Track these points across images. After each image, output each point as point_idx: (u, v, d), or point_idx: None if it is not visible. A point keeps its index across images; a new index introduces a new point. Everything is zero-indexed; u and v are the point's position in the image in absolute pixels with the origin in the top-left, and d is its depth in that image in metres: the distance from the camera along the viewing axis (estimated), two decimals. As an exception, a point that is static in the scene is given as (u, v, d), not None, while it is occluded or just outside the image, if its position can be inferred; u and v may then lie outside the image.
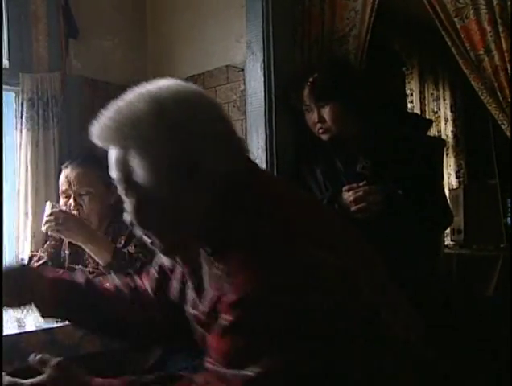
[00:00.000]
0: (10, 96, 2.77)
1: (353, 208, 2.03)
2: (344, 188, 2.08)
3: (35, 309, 1.45)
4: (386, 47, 2.49)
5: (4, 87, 2.72)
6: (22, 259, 2.65)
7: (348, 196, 2.06)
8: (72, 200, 2.44)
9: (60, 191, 2.49)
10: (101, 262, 2.27)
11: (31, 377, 1.25)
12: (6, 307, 1.45)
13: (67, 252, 2.49)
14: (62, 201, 2.50)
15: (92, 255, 2.30)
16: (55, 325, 1.83)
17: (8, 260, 2.76)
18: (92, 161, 2.54)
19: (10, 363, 1.66)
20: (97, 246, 2.30)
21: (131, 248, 2.28)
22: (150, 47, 3.20)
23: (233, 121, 2.68)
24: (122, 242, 2.37)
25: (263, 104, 2.52)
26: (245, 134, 2.61)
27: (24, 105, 2.68)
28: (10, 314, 1.94)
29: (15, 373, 1.28)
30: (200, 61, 2.88)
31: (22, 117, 2.68)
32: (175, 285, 1.43)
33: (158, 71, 3.11)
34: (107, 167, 2.57)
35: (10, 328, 1.80)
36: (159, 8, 3.14)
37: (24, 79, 2.68)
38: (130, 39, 3.17)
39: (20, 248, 2.68)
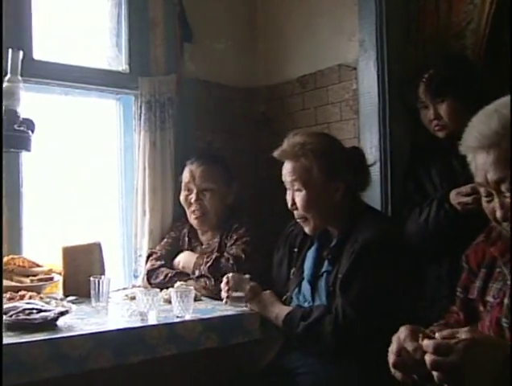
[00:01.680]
0: (129, 100, 2.90)
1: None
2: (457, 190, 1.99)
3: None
4: (505, 42, 2.37)
5: (124, 90, 2.87)
6: (140, 255, 2.77)
7: (460, 197, 1.97)
8: (193, 194, 2.57)
9: (183, 185, 2.63)
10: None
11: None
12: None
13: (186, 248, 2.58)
14: (183, 195, 2.62)
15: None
16: (175, 320, 1.90)
17: (127, 256, 2.91)
18: (215, 159, 2.65)
19: (135, 355, 1.74)
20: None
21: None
22: (261, 47, 3.24)
23: (345, 120, 2.67)
24: (232, 242, 2.45)
25: (377, 102, 2.48)
26: (357, 133, 2.59)
27: (143, 108, 2.78)
28: (132, 308, 2.04)
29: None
30: (312, 60, 2.87)
31: (140, 119, 2.78)
32: None
33: (270, 72, 3.15)
34: (228, 167, 2.67)
35: (133, 321, 1.88)
36: (270, 9, 3.17)
37: (143, 82, 2.79)
38: (241, 41, 3.22)
39: (138, 245, 2.79)
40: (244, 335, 2.00)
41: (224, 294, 2.11)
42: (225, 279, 2.14)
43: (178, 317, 1.92)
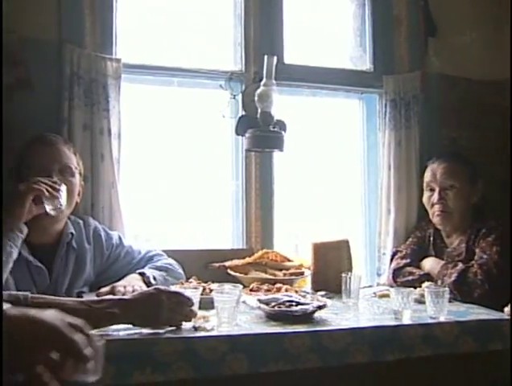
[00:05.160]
0: (372, 98, 2.92)
1: None
2: None
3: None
4: None
5: (368, 89, 2.89)
6: (384, 253, 2.77)
7: None
8: (436, 194, 2.51)
9: (425, 185, 2.59)
10: None
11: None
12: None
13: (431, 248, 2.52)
14: (425, 195, 2.57)
15: None
16: (429, 320, 1.85)
17: (369, 255, 2.92)
18: (458, 157, 2.56)
19: (391, 353, 1.72)
20: None
21: None
22: (507, 39, 3.03)
23: None
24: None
25: None
26: None
27: (387, 106, 2.77)
28: (383, 306, 2.03)
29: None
30: None
31: (385, 118, 2.78)
32: None
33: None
34: (472, 164, 2.55)
35: (387, 320, 1.87)
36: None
37: (387, 81, 2.78)
38: (486, 34, 3.05)
39: (382, 243, 2.79)
40: (504, 342, 1.88)
41: None
42: None
43: (432, 317, 1.87)
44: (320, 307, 1.81)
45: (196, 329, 1.62)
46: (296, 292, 2.09)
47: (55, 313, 0.96)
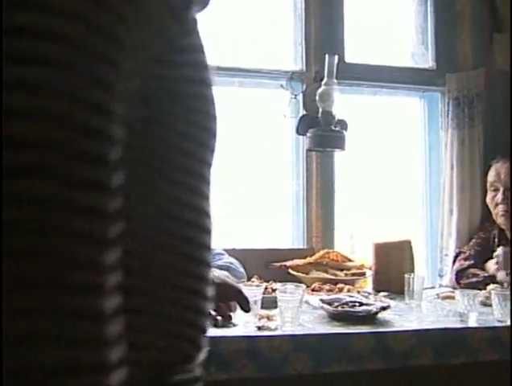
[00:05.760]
0: (434, 97, 2.87)
1: None
2: None
3: None
4: None
5: (430, 88, 2.84)
6: (446, 255, 2.72)
7: None
8: (500, 194, 2.48)
9: (488, 185, 2.55)
10: None
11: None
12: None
13: (499, 250, 2.46)
14: (489, 196, 2.52)
15: None
16: (496, 324, 1.82)
17: (430, 256, 2.88)
18: None
19: (457, 356, 1.70)
20: None
21: None
22: None
23: None
24: None
25: None
26: None
27: (450, 105, 2.72)
28: (447, 308, 2.01)
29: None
30: None
31: (448, 116, 2.73)
32: None
33: None
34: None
35: (452, 322, 1.85)
36: None
37: (450, 79, 2.74)
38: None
39: (444, 244, 2.74)
40: None
41: None
42: None
43: (499, 321, 1.83)
44: (383, 308, 1.80)
45: (259, 328, 1.64)
46: (358, 292, 2.08)
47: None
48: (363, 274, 2.38)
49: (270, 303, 1.77)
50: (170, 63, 0.58)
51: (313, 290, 2.15)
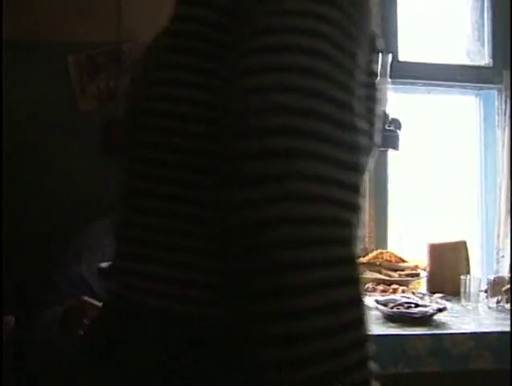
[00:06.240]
0: (490, 95, 2.80)
1: None
2: None
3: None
4: None
5: (486, 85, 2.78)
6: (503, 256, 2.66)
7: None
8: None
9: None
10: None
11: None
12: None
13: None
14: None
15: None
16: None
17: (486, 257, 2.82)
18: None
19: None
20: None
21: None
22: None
23: None
24: None
25: None
26: None
27: (507, 103, 2.66)
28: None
29: None
30: None
31: (505, 115, 2.67)
32: None
33: None
34: None
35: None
36: None
37: (507, 76, 2.67)
38: None
39: (500, 246, 2.68)
40: None
41: None
42: None
43: (560, 324, 1.78)
44: (440, 310, 1.78)
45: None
46: (413, 293, 2.06)
47: None
48: (417, 275, 2.35)
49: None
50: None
51: (367, 291, 2.13)
